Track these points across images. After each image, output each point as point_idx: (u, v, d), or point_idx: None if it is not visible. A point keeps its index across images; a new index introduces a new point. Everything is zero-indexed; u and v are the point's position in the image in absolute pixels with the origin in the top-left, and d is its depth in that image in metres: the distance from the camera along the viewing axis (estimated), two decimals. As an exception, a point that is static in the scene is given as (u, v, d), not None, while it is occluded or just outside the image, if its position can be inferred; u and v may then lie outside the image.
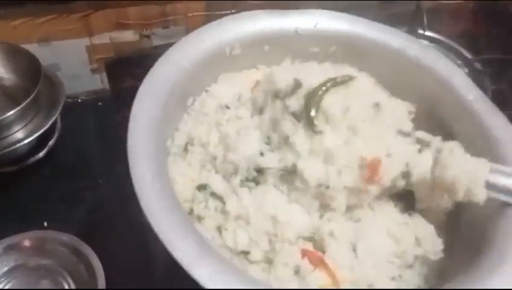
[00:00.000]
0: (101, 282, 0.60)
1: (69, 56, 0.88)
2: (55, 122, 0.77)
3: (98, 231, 0.70)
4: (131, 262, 0.66)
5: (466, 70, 0.91)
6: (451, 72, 0.65)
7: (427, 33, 0.97)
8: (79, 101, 0.87)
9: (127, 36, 0.89)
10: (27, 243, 0.64)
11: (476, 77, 0.82)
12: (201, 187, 0.56)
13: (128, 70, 0.84)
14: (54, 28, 0.85)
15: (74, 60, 0.88)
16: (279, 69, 0.62)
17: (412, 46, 0.67)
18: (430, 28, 0.97)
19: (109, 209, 0.73)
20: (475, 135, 0.59)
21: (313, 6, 0.69)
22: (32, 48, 0.78)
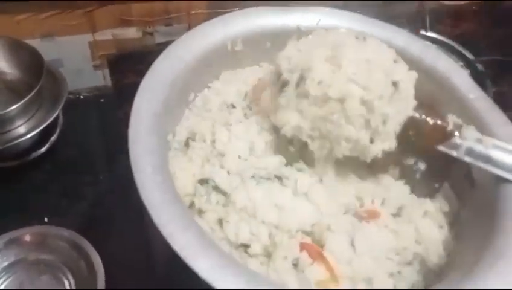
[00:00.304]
0: (101, 278, 0.60)
1: (72, 52, 0.88)
2: (57, 117, 0.77)
3: (99, 227, 0.70)
4: (131, 258, 0.66)
5: (468, 71, 0.91)
6: (452, 71, 0.65)
7: (429, 34, 0.97)
8: (81, 98, 0.87)
9: (130, 33, 0.90)
10: (28, 238, 0.64)
11: (478, 78, 0.82)
12: (203, 181, 0.56)
13: (130, 66, 0.84)
14: (58, 24, 0.85)
15: (77, 56, 0.89)
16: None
17: (414, 44, 0.67)
18: (432, 29, 0.97)
19: (110, 205, 0.73)
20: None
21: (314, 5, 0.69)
22: (35, 43, 0.77)
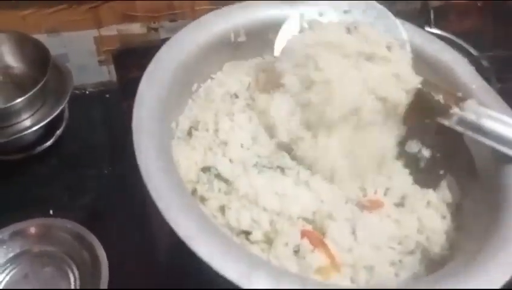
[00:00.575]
0: (105, 269, 0.60)
1: (78, 47, 0.88)
2: (62, 112, 0.77)
3: (103, 220, 0.70)
4: (134, 250, 0.66)
5: (473, 67, 0.91)
6: (455, 61, 0.65)
7: (434, 30, 0.97)
8: (87, 93, 0.87)
9: (135, 29, 0.89)
10: (32, 230, 0.64)
11: (483, 75, 0.82)
12: (206, 169, 0.56)
13: (135, 62, 0.83)
14: (63, 19, 0.85)
15: (83, 51, 0.88)
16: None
17: (417, 35, 0.67)
18: (437, 25, 0.97)
19: (114, 198, 0.73)
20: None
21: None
22: (41, 38, 0.78)
